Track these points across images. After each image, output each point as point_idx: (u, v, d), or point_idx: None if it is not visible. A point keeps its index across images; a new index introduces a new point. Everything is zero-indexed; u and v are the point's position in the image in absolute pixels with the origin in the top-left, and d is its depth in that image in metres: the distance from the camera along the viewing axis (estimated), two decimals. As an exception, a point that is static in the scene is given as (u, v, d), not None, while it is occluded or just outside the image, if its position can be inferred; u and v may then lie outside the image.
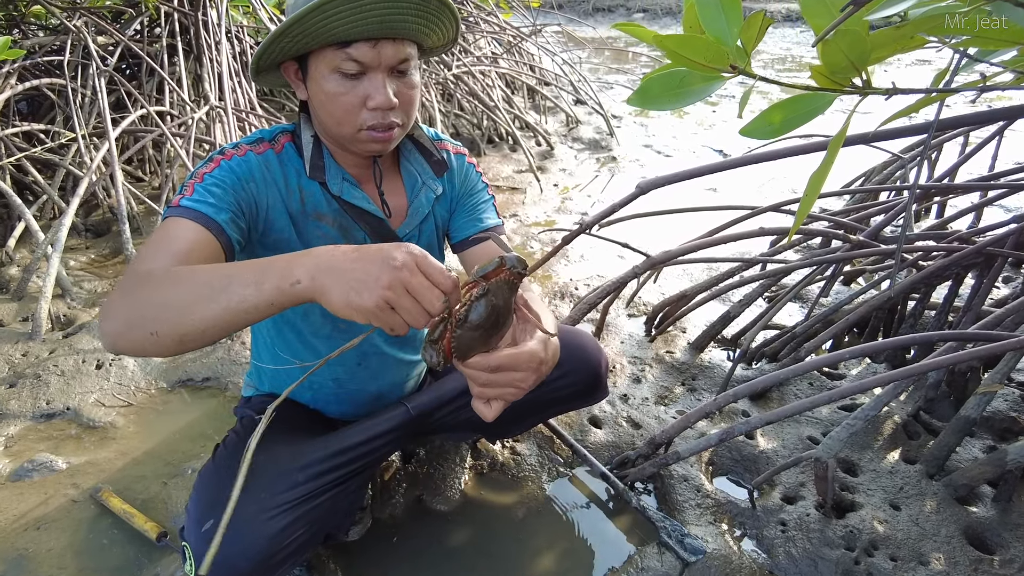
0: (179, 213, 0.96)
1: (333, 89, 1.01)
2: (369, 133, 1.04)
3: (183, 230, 0.94)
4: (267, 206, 1.10)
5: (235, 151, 1.08)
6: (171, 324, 0.77)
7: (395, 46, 1.00)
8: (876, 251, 1.79)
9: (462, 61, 4.31)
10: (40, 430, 1.78)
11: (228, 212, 1.00)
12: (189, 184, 1.02)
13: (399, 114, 1.05)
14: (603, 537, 1.48)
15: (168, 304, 0.78)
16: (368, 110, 1.02)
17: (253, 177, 1.07)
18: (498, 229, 1.29)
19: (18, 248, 2.71)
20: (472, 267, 1.27)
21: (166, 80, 3.26)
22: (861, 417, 1.39)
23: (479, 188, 1.30)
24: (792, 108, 1.00)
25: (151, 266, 0.86)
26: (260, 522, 1.04)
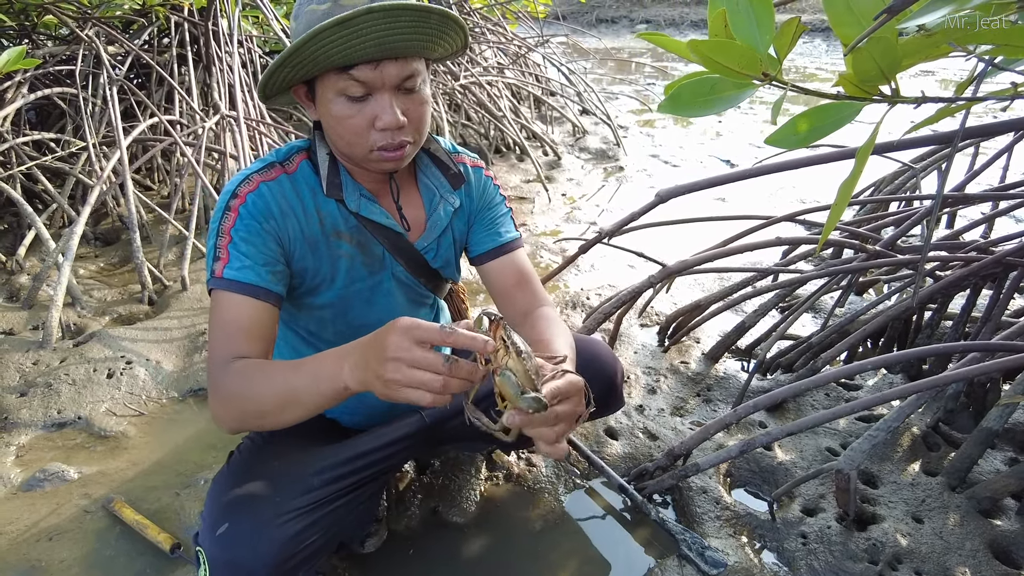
0: (226, 287, 1.02)
1: (340, 112, 1.01)
2: (380, 153, 1.04)
3: (237, 309, 1.02)
4: (289, 238, 1.10)
5: (247, 186, 1.07)
6: (267, 425, 0.97)
7: (398, 64, 0.99)
8: (895, 261, 1.78)
9: (470, 71, 4.32)
10: (51, 439, 1.77)
11: (267, 268, 1.05)
12: (222, 246, 1.04)
13: (409, 132, 1.04)
14: (622, 550, 1.46)
15: (263, 414, 0.95)
16: (377, 131, 1.01)
17: (271, 213, 1.07)
18: (517, 242, 1.28)
19: (28, 256, 2.71)
20: (495, 283, 1.26)
21: (176, 89, 3.27)
22: (883, 428, 1.38)
23: (497, 201, 1.29)
24: (820, 117, 1.00)
25: (223, 364, 0.98)
26: (275, 526, 1.03)
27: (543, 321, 1.14)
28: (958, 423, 1.75)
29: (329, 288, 1.17)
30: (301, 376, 0.89)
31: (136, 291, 2.51)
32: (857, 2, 0.86)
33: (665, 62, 9.77)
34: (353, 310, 1.21)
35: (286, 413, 0.92)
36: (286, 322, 1.26)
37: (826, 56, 10.96)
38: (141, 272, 2.45)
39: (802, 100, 5.84)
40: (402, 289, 1.25)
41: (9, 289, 2.48)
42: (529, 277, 1.26)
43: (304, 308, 1.20)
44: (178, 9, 3.43)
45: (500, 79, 4.60)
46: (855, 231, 1.91)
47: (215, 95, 3.25)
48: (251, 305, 1.02)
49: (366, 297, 1.21)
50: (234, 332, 1.00)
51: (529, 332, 1.12)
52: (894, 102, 0.97)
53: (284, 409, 0.92)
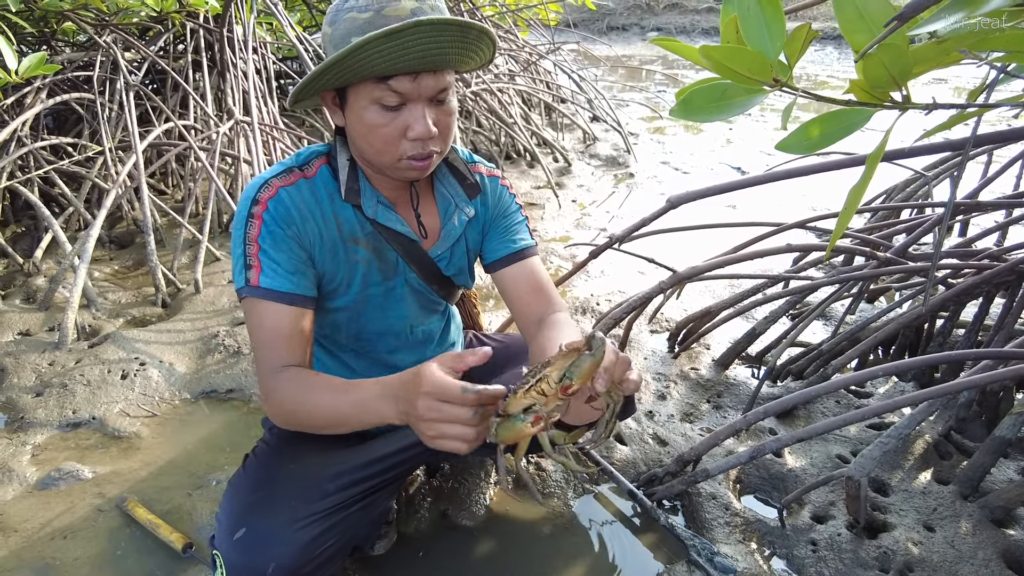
0: (263, 295, 1.05)
1: (373, 120, 1.02)
2: (409, 163, 1.05)
3: (276, 317, 1.06)
4: (310, 241, 1.12)
5: (267, 192, 1.08)
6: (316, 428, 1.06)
7: (435, 77, 1.00)
8: (906, 268, 1.77)
9: (481, 78, 4.34)
10: (66, 439, 1.79)
11: (298, 274, 1.08)
12: (252, 255, 1.06)
13: (438, 142, 1.06)
14: (631, 555, 1.46)
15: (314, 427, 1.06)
16: (408, 140, 1.02)
17: (292, 218, 1.09)
18: (531, 250, 1.28)
19: (45, 259, 2.75)
20: (509, 290, 1.27)
21: (191, 95, 3.31)
22: (895, 435, 1.37)
23: (512, 209, 1.30)
24: (831, 123, 1.00)
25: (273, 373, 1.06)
26: (291, 531, 1.04)
27: (553, 328, 1.14)
28: (970, 432, 1.74)
29: (345, 293, 1.18)
30: (347, 405, 0.97)
31: (150, 294, 2.54)
32: (868, 9, 0.86)
33: (676, 69, 9.78)
34: (366, 315, 1.22)
35: (332, 429, 1.03)
36: None
37: (837, 64, 10.93)
38: (155, 275, 2.48)
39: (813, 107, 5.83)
40: (415, 296, 1.26)
41: (26, 291, 2.51)
42: (543, 284, 1.26)
43: (320, 311, 1.21)
44: (194, 16, 3.47)
45: (511, 86, 4.62)
46: (866, 238, 1.91)
47: (229, 101, 3.29)
48: (289, 312, 1.06)
49: (379, 303, 1.22)
50: (276, 340, 1.05)
51: (540, 338, 1.12)
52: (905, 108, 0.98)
53: (331, 426, 1.02)
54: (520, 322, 1.26)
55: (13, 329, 2.22)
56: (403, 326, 1.27)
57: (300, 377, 1.04)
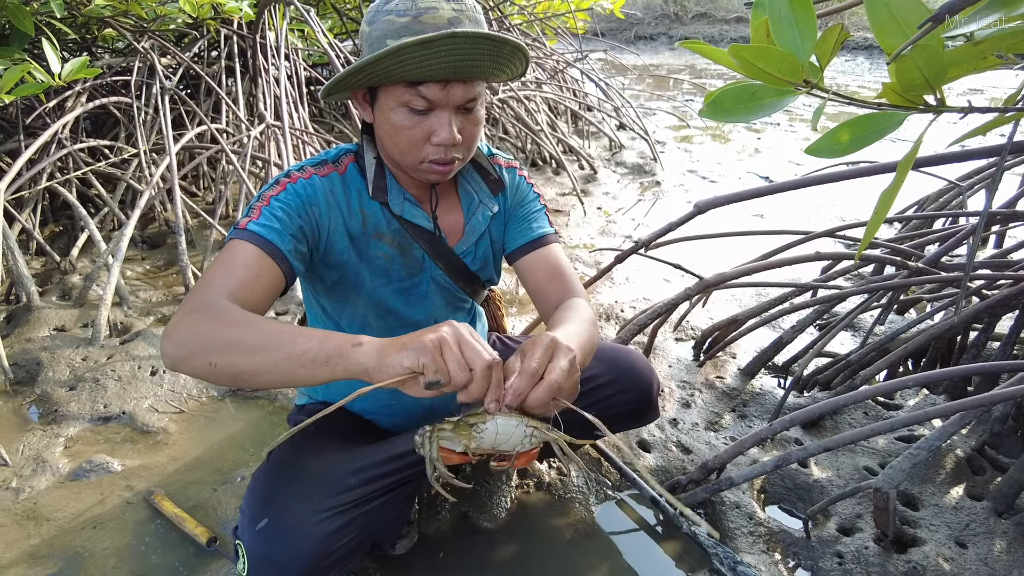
0: (245, 237, 1.01)
1: (400, 122, 1.04)
2: (430, 166, 1.07)
3: (248, 256, 1.00)
4: (329, 230, 1.13)
5: (301, 174, 1.11)
6: (231, 361, 0.86)
7: (465, 87, 1.02)
8: (938, 278, 1.74)
9: (509, 86, 4.36)
10: (97, 432, 1.83)
11: (291, 238, 1.05)
12: (256, 206, 1.06)
13: (461, 149, 1.07)
14: (652, 562, 1.44)
15: (233, 343, 0.86)
16: (432, 145, 1.04)
17: (317, 201, 1.10)
18: (550, 237, 1.28)
19: (80, 257, 2.82)
20: (528, 278, 1.27)
21: (223, 99, 3.38)
22: (925, 447, 1.34)
23: (530, 198, 1.30)
24: (862, 126, 0.99)
25: (215, 295, 0.93)
26: (312, 524, 1.05)
27: (561, 310, 1.14)
28: (1005, 447, 1.69)
29: (367, 287, 1.20)
30: (308, 334, 0.85)
31: (180, 293, 2.59)
32: (901, 11, 0.85)
33: (704, 79, 9.73)
34: (393, 311, 1.24)
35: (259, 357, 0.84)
36: (332, 315, 1.29)
37: (869, 74, 10.78)
38: (185, 274, 2.52)
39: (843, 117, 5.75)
40: (441, 292, 1.27)
41: (62, 288, 2.58)
42: (561, 270, 1.25)
43: (346, 305, 1.23)
44: (228, 23, 3.55)
45: (538, 93, 4.64)
46: (897, 247, 1.88)
47: (261, 106, 3.35)
48: (264, 260, 1.00)
49: (404, 298, 1.23)
50: (237, 278, 0.97)
51: (549, 325, 1.12)
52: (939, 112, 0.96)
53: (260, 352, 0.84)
54: (541, 311, 1.26)
55: (49, 325, 2.28)
56: (428, 322, 1.28)
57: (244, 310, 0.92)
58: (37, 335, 2.22)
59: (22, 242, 2.85)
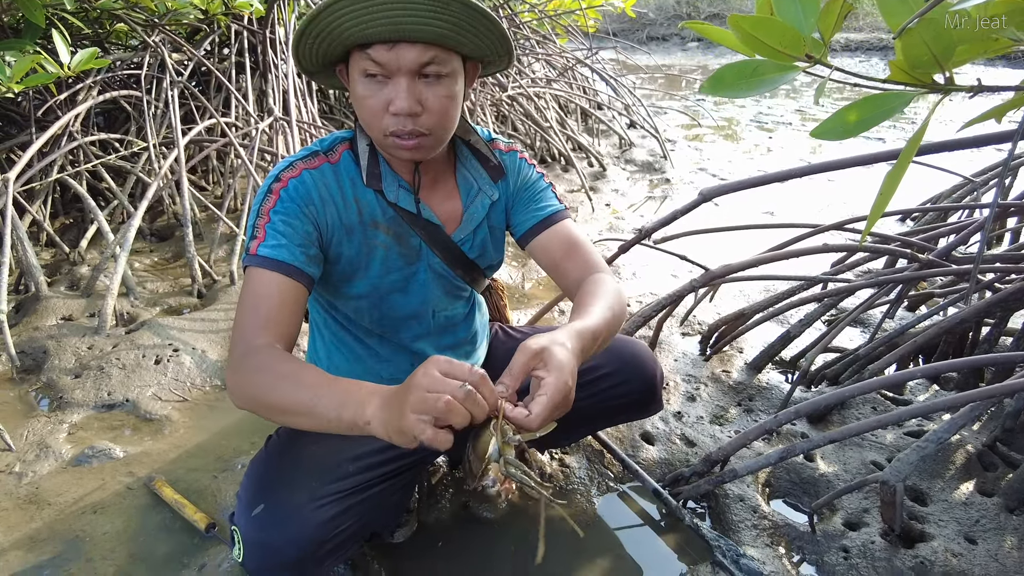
0: (259, 263, 1.02)
1: (361, 92, 1.01)
2: (393, 140, 1.02)
3: (267, 285, 1.01)
4: (327, 225, 1.11)
5: (290, 172, 1.09)
6: (273, 419, 0.94)
7: (416, 49, 0.97)
8: (948, 271, 1.70)
9: (518, 82, 4.36)
10: (101, 419, 1.83)
11: (301, 249, 1.05)
12: (259, 225, 1.05)
13: (427, 123, 1.01)
14: (654, 555, 1.42)
15: (274, 409, 0.91)
16: (391, 115, 1.00)
17: (311, 199, 1.08)
18: (561, 214, 1.25)
19: (89, 249, 2.84)
20: (544, 258, 1.24)
21: (233, 94, 3.39)
22: (933, 440, 1.31)
23: (534, 178, 1.27)
24: (868, 107, 0.97)
25: (251, 339, 0.97)
26: (309, 510, 1.04)
27: (586, 286, 1.11)
28: (1017, 443, 1.65)
29: (364, 277, 1.18)
30: (329, 396, 0.86)
31: (187, 284, 2.60)
32: (908, -14, 0.83)
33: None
34: (389, 300, 1.22)
35: (298, 420, 0.89)
36: (326, 308, 1.28)
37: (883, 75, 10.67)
38: (192, 266, 2.53)
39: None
40: (439, 281, 1.25)
41: (71, 279, 2.59)
42: (578, 246, 1.21)
43: (341, 296, 1.21)
44: (239, 18, 3.56)
45: (547, 90, 4.62)
46: (907, 240, 1.85)
47: (270, 101, 3.37)
48: (282, 283, 1.01)
49: (401, 287, 1.22)
50: (264, 308, 1.00)
51: (575, 304, 1.10)
52: (948, 91, 0.94)
53: (298, 416, 0.89)
54: (563, 289, 1.23)
55: (56, 314, 2.29)
56: (426, 311, 1.26)
57: (284, 360, 0.94)
58: (44, 324, 2.23)
59: (32, 233, 2.87)
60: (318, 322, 1.33)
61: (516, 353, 0.86)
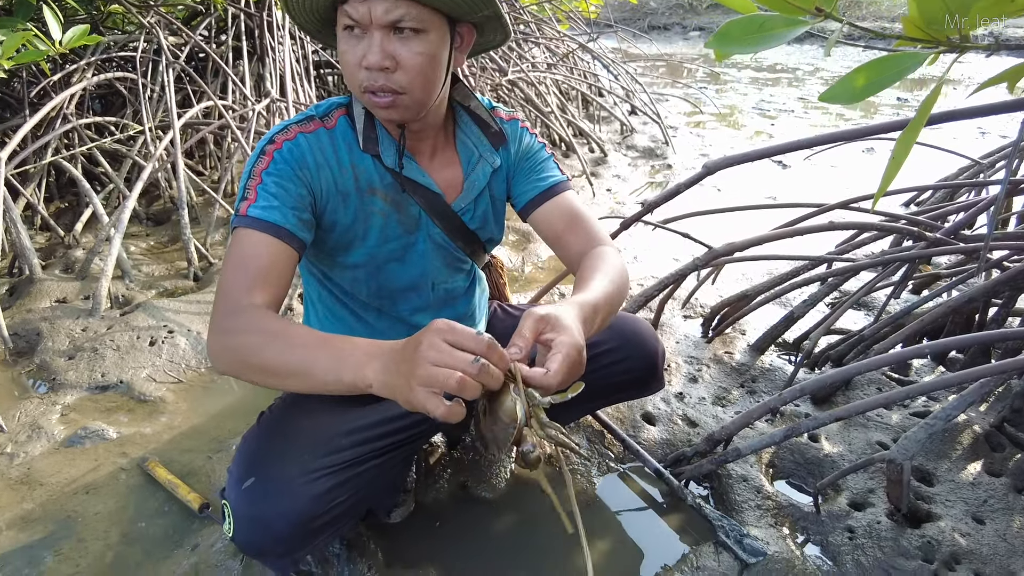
0: (248, 224, 0.99)
1: (342, 47, 1.00)
2: (369, 97, 1.01)
3: (256, 245, 0.98)
4: (322, 190, 1.08)
5: (284, 135, 1.06)
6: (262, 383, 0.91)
7: (387, 3, 0.94)
8: (956, 249, 1.67)
9: (519, 67, 4.31)
10: (94, 401, 1.81)
11: (293, 211, 1.02)
12: (251, 186, 1.02)
13: (399, 80, 0.99)
14: (656, 535, 1.40)
15: (266, 369, 0.87)
16: (364, 69, 0.98)
17: (306, 163, 1.06)
18: (563, 185, 1.22)
19: (84, 233, 2.80)
20: (546, 231, 1.21)
21: (230, 77, 3.35)
22: (942, 417, 1.29)
23: (536, 148, 1.24)
24: (879, 69, 0.93)
25: (238, 299, 0.93)
26: (301, 483, 1.01)
27: (587, 260, 1.09)
28: (1025, 424, 1.63)
29: (361, 246, 1.15)
30: (325, 355, 0.83)
31: (183, 268, 2.57)
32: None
33: (718, 68, 9.61)
34: (386, 269, 1.19)
35: (290, 381, 0.86)
36: (321, 280, 1.25)
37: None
38: (188, 249, 2.50)
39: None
40: (439, 252, 1.23)
41: (65, 262, 2.56)
42: (580, 218, 1.19)
43: (337, 266, 1.18)
44: (236, 1, 3.52)
45: (548, 75, 4.57)
46: (915, 219, 1.81)
47: (267, 84, 3.33)
48: (273, 245, 0.99)
49: (399, 256, 1.19)
50: (252, 269, 0.97)
51: (577, 277, 1.08)
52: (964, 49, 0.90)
53: (290, 378, 0.86)
54: (565, 263, 1.21)
55: (51, 296, 2.26)
56: (425, 283, 1.23)
57: (272, 321, 0.90)
58: (38, 306, 2.20)
59: (27, 217, 2.84)
60: (312, 296, 1.30)
61: (522, 319, 0.83)
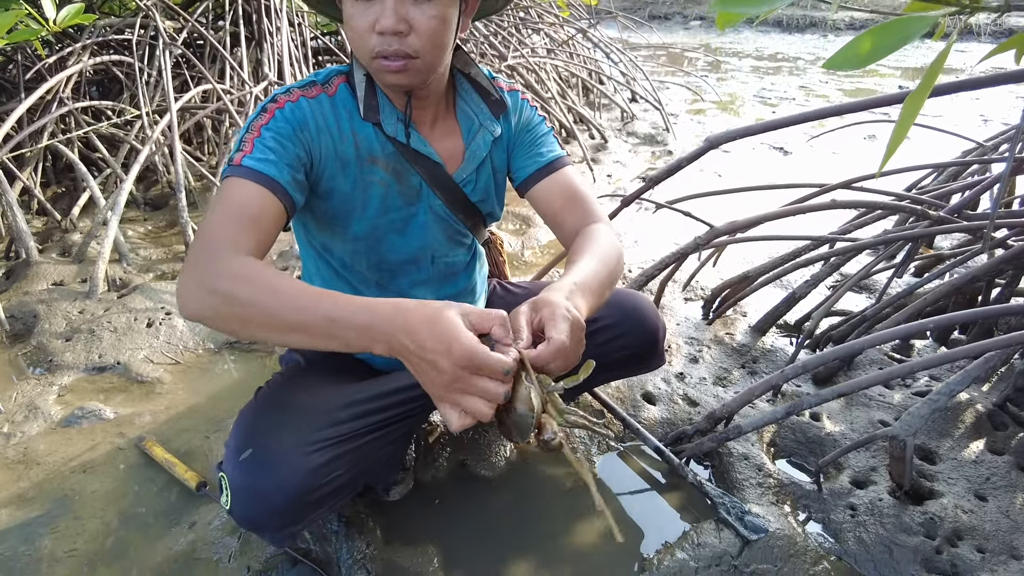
0: (241, 173, 0.96)
1: (349, 12, 0.98)
2: (380, 62, 0.98)
3: (246, 194, 0.94)
4: (320, 155, 1.06)
5: (287, 96, 1.05)
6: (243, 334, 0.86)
7: None
8: (959, 227, 1.66)
9: (519, 52, 4.28)
10: (91, 381, 1.80)
11: (288, 168, 0.99)
12: (248, 139, 1.00)
13: (414, 45, 0.97)
14: (656, 512, 1.39)
15: (247, 319, 0.82)
16: (376, 34, 0.96)
17: (307, 125, 1.04)
18: (561, 160, 1.21)
19: (81, 217, 2.78)
20: (543, 207, 1.20)
21: (228, 61, 3.32)
22: (946, 392, 1.27)
23: (536, 122, 1.22)
24: (884, 34, 0.90)
25: (220, 247, 0.87)
26: (298, 455, 1.00)
27: (579, 239, 1.08)
28: (1028, 403, 1.62)
29: (361, 216, 1.13)
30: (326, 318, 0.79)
31: (181, 251, 2.56)
32: None
33: (719, 56, 9.56)
34: (386, 241, 1.18)
35: (286, 337, 0.82)
36: (319, 253, 1.23)
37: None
38: (186, 232, 2.48)
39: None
40: (440, 225, 1.21)
41: (62, 246, 2.55)
42: (578, 195, 1.18)
43: (337, 238, 1.17)
44: (233, -15, 3.49)
45: (548, 60, 4.54)
46: (918, 197, 1.79)
47: (265, 69, 3.30)
48: (264, 196, 0.95)
49: (399, 228, 1.17)
50: (243, 217, 0.92)
51: (570, 253, 1.07)
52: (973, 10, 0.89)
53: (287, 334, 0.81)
54: (561, 241, 1.19)
55: (47, 279, 2.25)
56: (425, 256, 1.22)
57: (255, 264, 0.85)
58: (35, 288, 2.19)
59: (24, 202, 2.82)
60: (311, 270, 1.28)
61: (512, 317, 0.85)
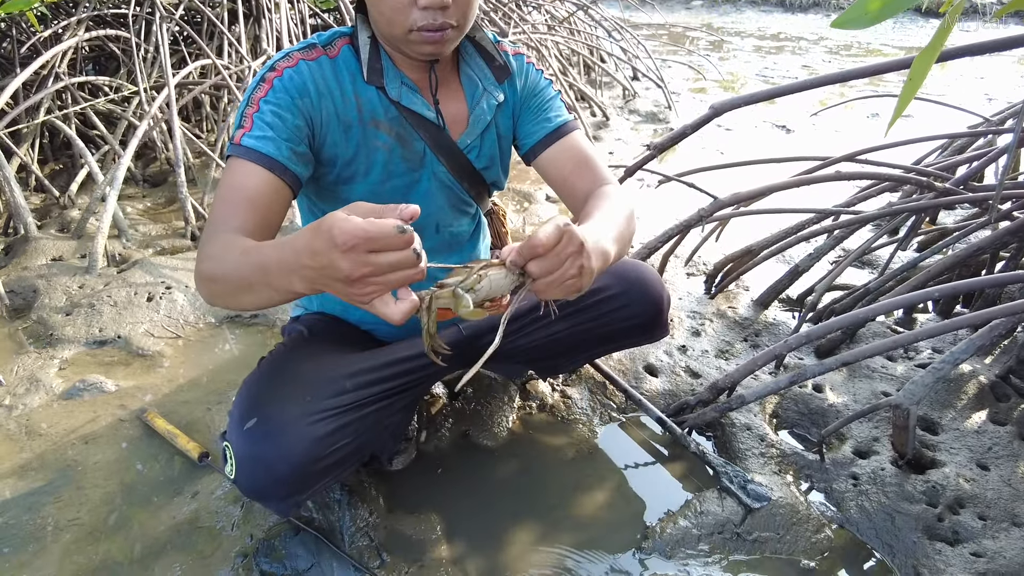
0: (241, 153, 0.96)
1: None
2: (420, 34, 0.97)
3: (247, 176, 0.95)
4: (322, 120, 1.05)
5: (286, 62, 1.03)
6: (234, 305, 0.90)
7: None
8: (965, 198, 1.64)
9: (520, 28, 4.23)
10: (92, 355, 1.79)
11: (288, 144, 0.99)
12: (247, 114, 0.99)
13: (454, 15, 0.97)
14: (658, 481, 1.39)
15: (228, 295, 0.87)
16: (419, 9, 0.94)
17: (307, 91, 1.02)
18: (569, 125, 1.19)
19: (80, 194, 2.77)
20: (552, 174, 1.18)
21: (226, 36, 3.28)
22: (950, 360, 1.27)
23: (543, 86, 1.20)
24: (894, -9, 0.89)
25: (224, 231, 0.91)
26: (303, 425, 0.99)
27: (591, 201, 1.06)
28: (1031, 374, 1.61)
29: (363, 181, 1.12)
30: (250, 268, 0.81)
31: (180, 228, 2.54)
32: None
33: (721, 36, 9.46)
34: None
35: (244, 297, 0.85)
36: None
37: (892, 32, 10.44)
38: (185, 207, 2.47)
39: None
40: (443, 192, 1.20)
41: (61, 222, 2.54)
42: (587, 159, 1.16)
43: (340, 204, 1.15)
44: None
45: (549, 37, 4.49)
46: (923, 169, 1.78)
47: (263, 44, 3.26)
48: (262, 177, 0.96)
49: (402, 194, 1.16)
50: (238, 200, 0.94)
51: (581, 216, 1.05)
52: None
53: (240, 293, 0.84)
54: (571, 207, 1.18)
55: (47, 255, 2.24)
56: (429, 224, 1.20)
57: (234, 241, 0.88)
58: (34, 264, 2.18)
59: (22, 179, 2.80)
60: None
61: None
